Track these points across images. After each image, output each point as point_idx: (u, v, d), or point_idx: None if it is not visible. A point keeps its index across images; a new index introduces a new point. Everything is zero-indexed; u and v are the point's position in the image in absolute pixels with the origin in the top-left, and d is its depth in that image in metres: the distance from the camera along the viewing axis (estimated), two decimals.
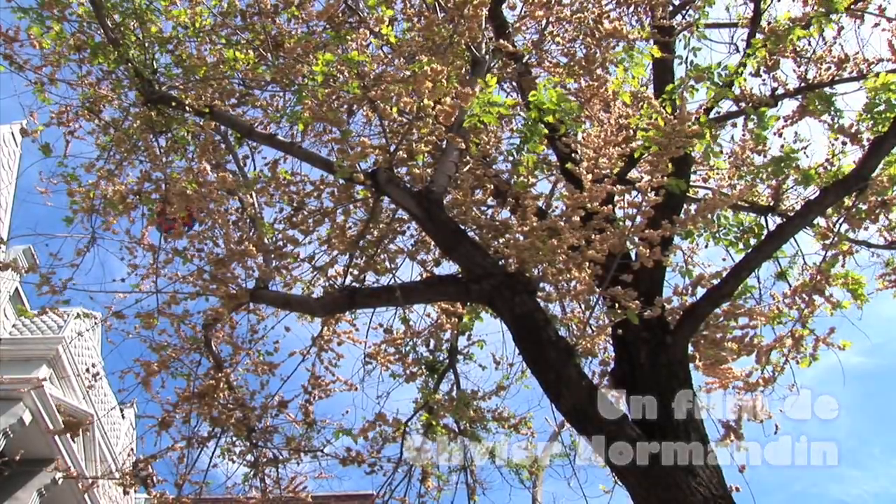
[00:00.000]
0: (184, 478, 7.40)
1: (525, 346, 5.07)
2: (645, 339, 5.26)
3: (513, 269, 5.15)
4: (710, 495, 4.27)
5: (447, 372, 8.09)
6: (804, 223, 5.95)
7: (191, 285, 6.50)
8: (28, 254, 13.54)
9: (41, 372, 13.46)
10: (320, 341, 7.44)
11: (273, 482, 7.74)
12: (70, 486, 13.69)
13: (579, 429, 5.06)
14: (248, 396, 7.31)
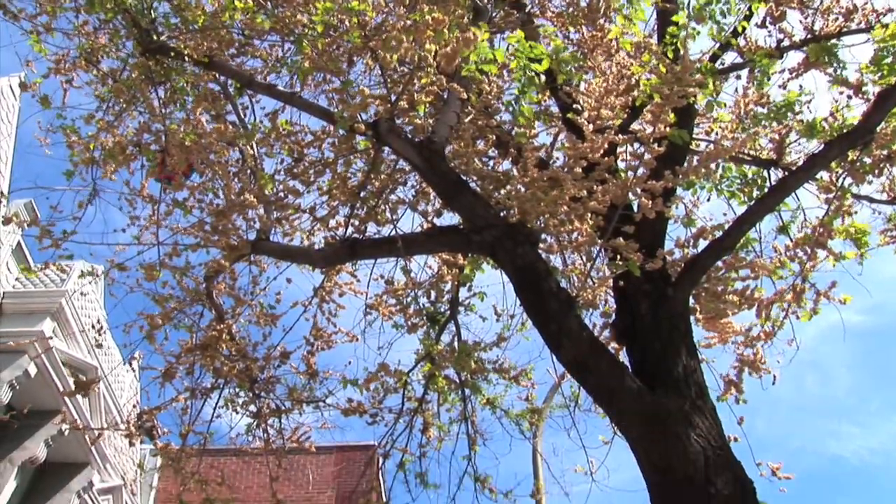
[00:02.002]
0: (188, 428, 7.47)
1: (526, 297, 5.07)
2: (646, 292, 5.25)
3: (514, 220, 5.13)
4: (709, 446, 4.28)
5: (448, 323, 8.11)
6: (808, 176, 5.91)
7: (192, 237, 6.50)
8: (29, 207, 13.50)
9: (45, 325, 13.50)
10: (321, 292, 7.46)
11: (276, 432, 7.81)
12: (76, 437, 13.81)
13: (580, 380, 5.09)
14: (251, 348, 7.36)
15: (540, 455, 11.28)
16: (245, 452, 8.09)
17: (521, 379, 8.05)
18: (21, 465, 13.18)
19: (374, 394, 7.74)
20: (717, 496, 4.04)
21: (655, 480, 4.34)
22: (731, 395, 7.08)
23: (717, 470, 4.16)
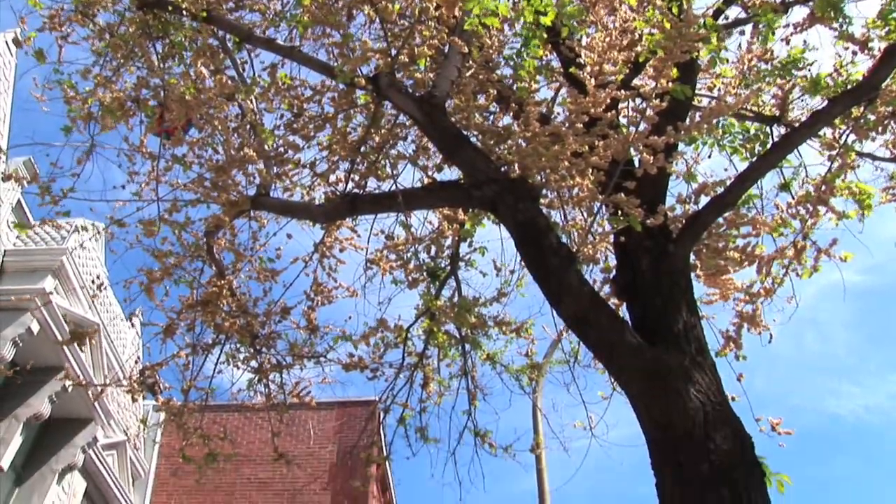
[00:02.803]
0: (190, 384, 7.51)
1: (527, 253, 5.07)
2: (647, 247, 5.24)
3: (515, 175, 5.11)
4: (708, 402, 4.30)
5: (449, 278, 8.11)
6: (811, 133, 5.87)
7: (191, 193, 6.48)
8: (28, 165, 13.47)
9: (46, 282, 13.55)
10: (322, 248, 7.46)
11: (277, 388, 7.85)
12: (80, 393, 13.91)
13: (580, 335, 5.10)
14: (251, 303, 7.37)
15: (539, 410, 11.38)
16: (247, 408, 8.14)
17: (522, 333, 8.07)
18: (26, 421, 13.31)
19: (374, 349, 7.77)
20: (717, 451, 4.06)
21: (655, 436, 4.36)
22: (730, 350, 7.10)
23: (716, 425, 4.18)
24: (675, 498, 4.07)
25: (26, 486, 13.91)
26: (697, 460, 4.06)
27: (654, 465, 4.35)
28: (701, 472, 4.02)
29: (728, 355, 7.18)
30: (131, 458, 17.70)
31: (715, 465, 4.02)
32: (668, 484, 4.15)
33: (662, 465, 4.25)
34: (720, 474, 3.98)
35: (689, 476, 4.04)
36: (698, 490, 3.98)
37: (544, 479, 12.93)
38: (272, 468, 17.84)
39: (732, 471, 4.00)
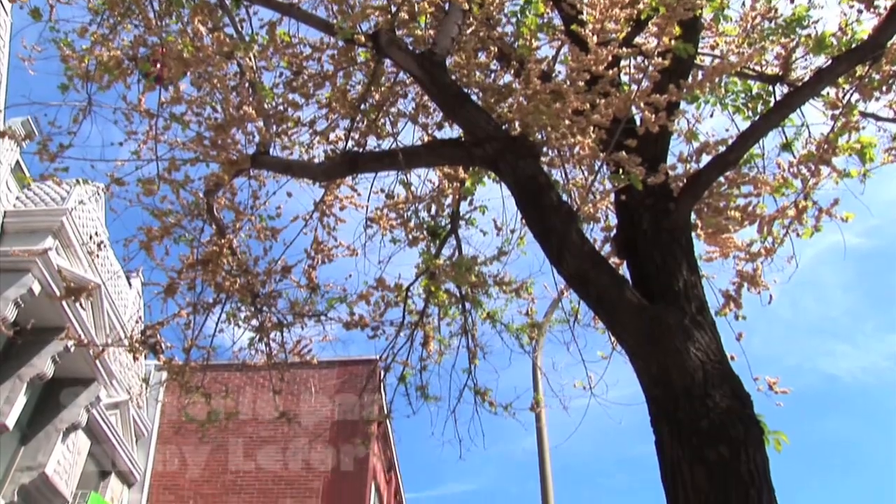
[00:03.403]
0: (191, 343, 7.53)
1: (528, 210, 5.06)
2: (648, 206, 5.22)
3: (516, 133, 5.08)
4: (707, 360, 4.31)
5: (449, 237, 8.10)
6: (814, 92, 5.80)
7: (191, 151, 6.44)
8: (26, 125, 13.42)
9: (47, 243, 13.57)
10: (322, 206, 7.43)
11: (278, 346, 7.88)
12: (82, 353, 14.02)
13: (581, 293, 5.10)
14: (252, 262, 7.37)
15: (539, 369, 11.43)
16: (248, 367, 8.17)
17: (522, 292, 8.08)
18: (29, 381, 13.41)
19: (375, 307, 7.79)
20: (716, 409, 4.08)
21: (654, 393, 4.38)
22: (730, 310, 7.11)
23: (715, 383, 4.20)
24: (675, 455, 4.09)
25: (31, 445, 14.06)
26: (697, 417, 4.08)
27: (654, 422, 4.38)
28: (700, 429, 4.04)
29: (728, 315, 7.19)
30: (134, 417, 17.86)
31: (714, 422, 4.04)
32: (668, 441, 4.18)
33: (662, 422, 4.27)
34: (719, 431, 4.00)
35: (689, 433, 4.07)
36: (697, 447, 4.00)
37: (544, 437, 13.03)
38: (274, 426, 18.02)
39: (731, 428, 4.02)
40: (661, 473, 4.21)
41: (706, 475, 3.90)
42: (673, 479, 4.07)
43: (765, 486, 3.88)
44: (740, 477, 3.85)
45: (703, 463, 3.94)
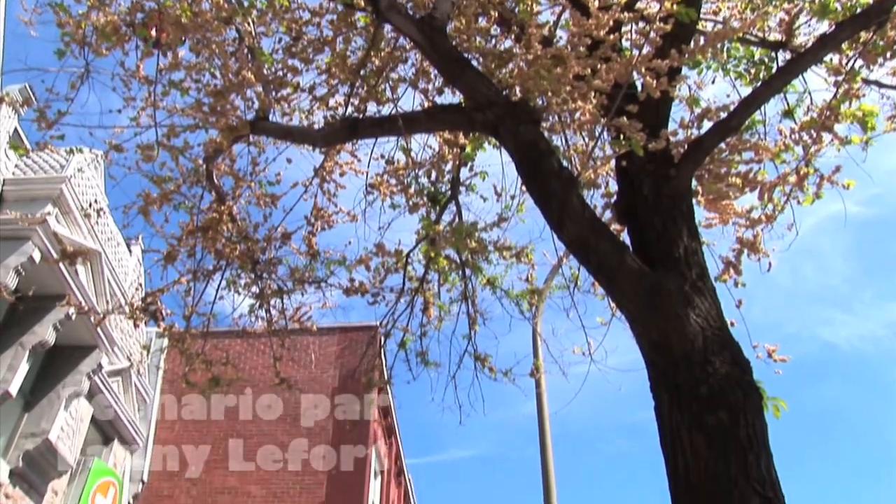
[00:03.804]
0: (191, 310, 7.54)
1: (528, 176, 5.04)
2: (649, 172, 5.20)
3: (516, 98, 5.05)
4: (708, 326, 4.32)
5: (449, 203, 8.08)
6: (817, 58, 5.76)
7: (189, 118, 6.40)
8: (24, 91, 13.35)
9: (46, 210, 13.57)
10: (322, 172, 7.41)
11: (278, 313, 7.89)
12: (83, 321, 14.05)
13: (581, 259, 5.10)
14: (252, 229, 7.35)
15: (539, 335, 11.48)
16: (249, 334, 8.19)
17: (522, 258, 8.08)
18: (32, 348, 13.46)
19: (375, 274, 7.80)
20: (715, 374, 4.09)
21: (654, 359, 4.40)
22: (729, 277, 7.12)
23: (715, 349, 4.21)
24: (674, 420, 4.11)
25: (35, 412, 14.14)
26: (696, 383, 4.09)
27: (653, 387, 4.39)
28: (699, 394, 4.05)
29: (728, 282, 7.20)
30: (136, 385, 17.95)
31: (714, 387, 4.05)
32: (667, 406, 4.19)
33: (661, 387, 4.29)
34: (719, 397, 4.02)
35: (688, 399, 4.08)
36: (697, 412, 4.02)
37: (544, 403, 13.11)
38: (275, 393, 18.10)
39: (731, 394, 4.04)
40: (661, 439, 4.23)
41: (705, 441, 3.92)
42: (672, 444, 4.09)
43: (763, 452, 3.90)
44: (739, 442, 3.87)
45: (702, 428, 3.96)
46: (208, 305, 7.68)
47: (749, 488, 3.70)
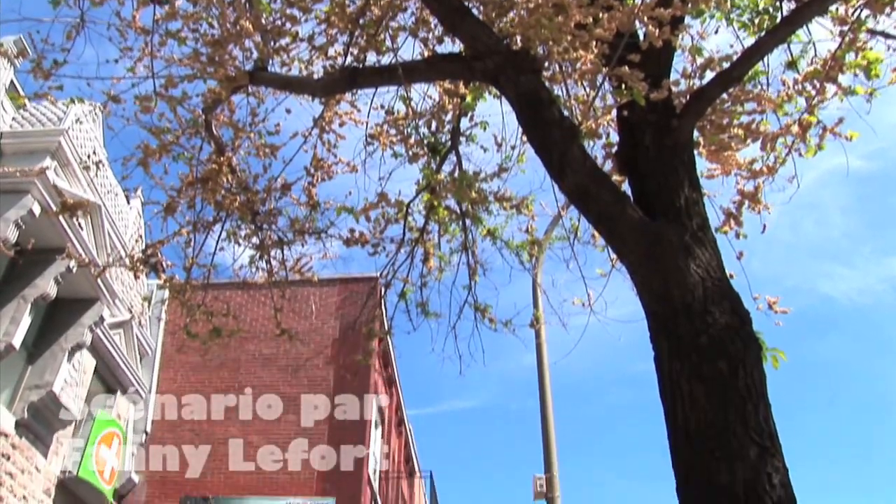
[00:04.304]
0: (192, 261, 7.55)
1: (529, 126, 5.01)
2: (650, 122, 5.16)
3: (517, 47, 5.00)
4: (708, 277, 4.32)
5: (449, 153, 8.03)
6: (822, 8, 5.68)
7: (187, 68, 6.35)
8: (18, 43, 13.23)
9: (45, 164, 13.54)
10: (321, 123, 7.37)
11: (279, 264, 7.90)
12: (84, 274, 14.08)
13: (581, 209, 5.09)
14: (251, 180, 7.34)
15: (539, 286, 11.51)
16: (250, 285, 8.21)
17: (522, 208, 8.06)
18: (33, 301, 13.52)
19: (375, 224, 7.80)
20: (715, 325, 4.10)
21: (654, 309, 4.40)
22: (730, 228, 7.12)
23: (715, 299, 4.21)
24: (674, 370, 4.13)
25: (38, 364, 14.25)
26: (696, 333, 4.10)
27: (653, 338, 4.40)
28: (699, 344, 4.07)
29: (728, 234, 7.20)
30: (138, 336, 18.06)
31: (713, 338, 4.06)
32: (667, 356, 4.21)
33: (661, 337, 4.30)
34: (718, 347, 4.03)
35: (688, 348, 4.10)
36: (696, 362, 4.04)
37: (543, 354, 13.18)
38: (276, 344, 18.25)
39: (730, 344, 4.05)
40: (660, 389, 4.25)
41: (705, 390, 3.94)
42: (672, 394, 4.11)
43: (762, 402, 3.93)
44: (738, 392, 3.89)
45: (701, 378, 3.98)
46: (209, 257, 7.71)
47: (747, 438, 3.74)
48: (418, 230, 8.36)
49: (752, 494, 3.54)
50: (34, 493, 13.95)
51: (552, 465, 12.50)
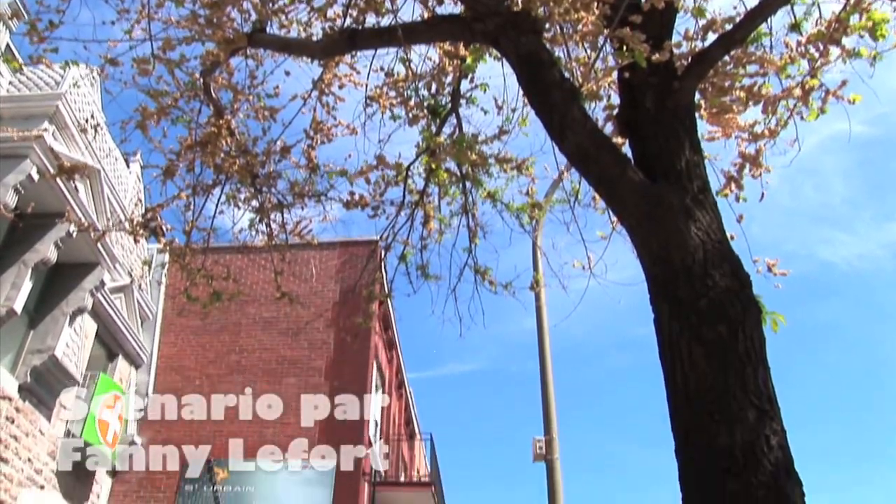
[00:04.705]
0: (191, 225, 7.54)
1: (529, 87, 4.98)
2: (652, 84, 5.12)
3: (517, 8, 4.95)
4: (708, 239, 4.31)
5: (449, 115, 7.97)
6: None
7: (186, 30, 6.29)
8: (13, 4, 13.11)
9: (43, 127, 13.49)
10: (321, 85, 7.31)
11: (278, 227, 7.89)
12: (85, 238, 14.09)
13: (582, 171, 5.07)
14: (251, 142, 7.30)
15: (539, 249, 11.48)
16: (250, 249, 8.22)
17: (523, 170, 8.02)
18: (34, 266, 13.53)
19: (375, 187, 7.77)
20: (715, 287, 4.09)
21: (655, 271, 4.40)
22: (731, 191, 7.10)
23: (715, 262, 4.20)
24: (673, 332, 4.13)
25: (40, 329, 14.31)
26: (696, 296, 4.10)
27: (653, 300, 4.40)
28: (699, 307, 4.06)
29: (729, 197, 7.18)
30: (138, 300, 18.12)
31: (713, 301, 4.06)
32: (667, 319, 4.21)
33: (661, 300, 4.30)
34: (718, 310, 4.03)
35: (688, 311, 4.09)
36: (696, 325, 4.03)
37: (543, 317, 13.20)
38: (276, 307, 18.31)
39: (730, 307, 4.04)
40: (660, 351, 4.26)
41: (704, 353, 3.95)
42: (671, 356, 4.12)
43: (761, 365, 3.93)
44: (737, 355, 3.90)
45: (701, 341, 3.98)
46: (208, 220, 7.70)
47: (746, 400, 3.75)
48: (418, 193, 8.33)
49: (750, 456, 3.56)
50: (38, 455, 14.09)
51: (552, 428, 12.58)
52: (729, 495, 3.52)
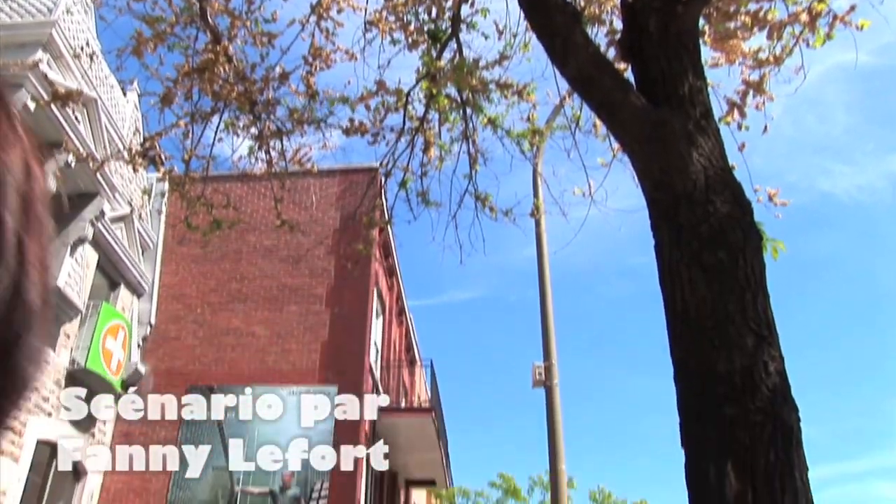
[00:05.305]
0: (190, 153, 7.50)
1: (530, 10, 4.91)
2: (655, 8, 5.02)
3: None
4: (710, 165, 4.28)
5: (450, 40, 7.82)
6: None
7: None
8: None
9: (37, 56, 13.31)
10: (319, 9, 7.19)
11: (278, 154, 7.85)
12: (84, 168, 14.03)
13: (584, 95, 5.02)
14: (249, 69, 7.21)
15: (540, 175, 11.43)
16: (249, 176, 8.19)
17: (524, 95, 7.93)
18: None
19: (374, 113, 7.70)
20: (716, 213, 4.09)
21: (655, 197, 4.39)
22: (734, 119, 7.05)
23: (716, 188, 4.19)
24: (674, 258, 4.14)
25: None
26: (697, 222, 4.10)
27: (654, 226, 4.40)
28: (700, 233, 4.07)
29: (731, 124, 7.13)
30: (139, 230, 18.13)
31: (714, 226, 4.06)
32: (667, 245, 4.21)
33: (662, 226, 4.30)
34: (719, 236, 4.03)
35: (688, 237, 4.10)
36: (696, 251, 4.04)
37: (543, 244, 13.23)
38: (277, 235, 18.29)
39: (731, 233, 4.04)
40: (660, 277, 4.27)
41: (704, 278, 3.96)
42: (671, 282, 4.13)
43: (760, 292, 3.95)
44: (738, 281, 3.91)
45: (701, 267, 3.99)
46: (207, 148, 7.66)
47: (745, 326, 3.77)
48: (418, 119, 8.24)
49: (748, 382, 3.60)
50: (45, 384, 14.28)
51: (551, 354, 12.72)
52: (727, 421, 3.58)
